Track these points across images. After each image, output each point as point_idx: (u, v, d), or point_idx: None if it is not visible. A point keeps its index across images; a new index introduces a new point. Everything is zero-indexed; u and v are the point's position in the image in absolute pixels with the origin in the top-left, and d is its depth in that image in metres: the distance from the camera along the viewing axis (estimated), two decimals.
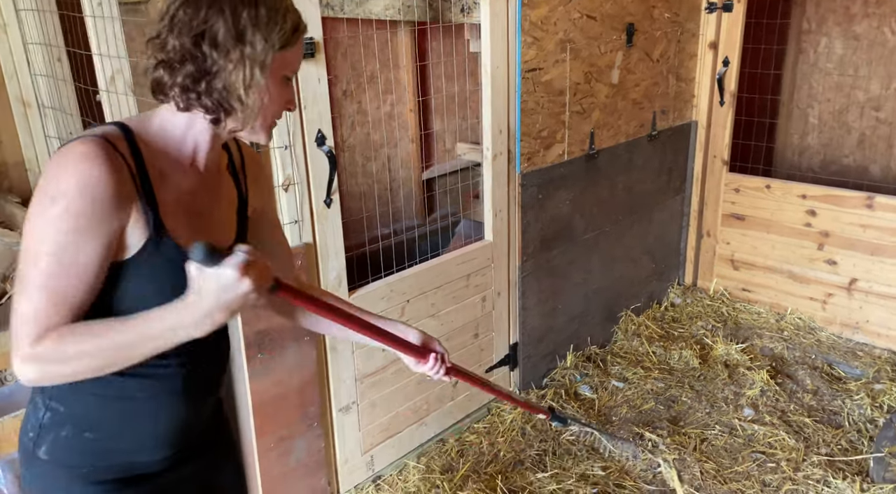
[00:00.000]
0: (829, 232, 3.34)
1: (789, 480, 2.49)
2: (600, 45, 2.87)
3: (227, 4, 1.03)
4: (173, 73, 1.05)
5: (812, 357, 3.27)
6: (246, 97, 1.05)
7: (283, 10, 1.07)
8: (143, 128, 1.10)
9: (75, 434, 1.14)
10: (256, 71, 1.04)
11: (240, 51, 1.03)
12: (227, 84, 1.04)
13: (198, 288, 0.98)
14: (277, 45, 1.05)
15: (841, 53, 4.42)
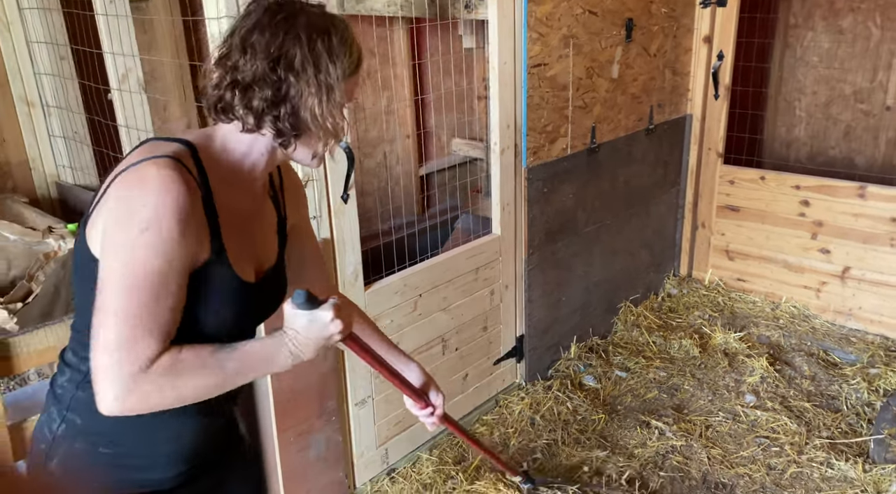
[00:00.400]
0: (823, 221, 3.42)
1: (794, 463, 2.56)
2: (601, 41, 2.91)
3: (303, 32, 1.06)
4: (246, 95, 1.06)
5: (808, 344, 3.35)
6: (324, 121, 1.09)
7: (350, 41, 1.11)
8: (206, 146, 1.12)
9: (89, 448, 1.14)
10: (335, 95, 1.08)
11: (315, 77, 1.06)
12: (306, 109, 1.07)
13: (295, 326, 1.08)
14: (347, 73, 1.10)
15: (827, 47, 4.51)
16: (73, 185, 2.66)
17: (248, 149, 1.13)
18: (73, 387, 1.16)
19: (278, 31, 1.06)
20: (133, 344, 0.99)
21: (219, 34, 1.75)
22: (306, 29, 1.07)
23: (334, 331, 1.08)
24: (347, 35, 1.11)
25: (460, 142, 4.27)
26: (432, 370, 2.58)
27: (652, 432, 2.75)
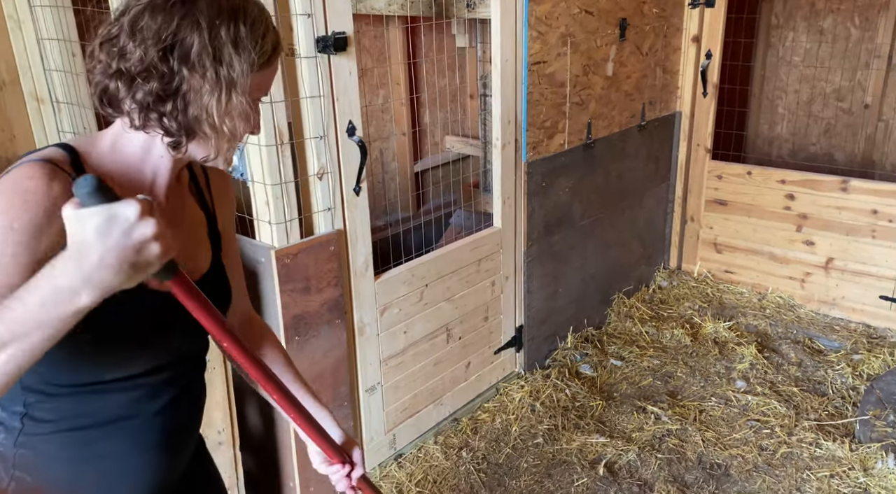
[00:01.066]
0: (807, 214, 3.55)
1: (784, 444, 2.68)
2: (597, 39, 3.01)
3: (203, 17, 0.91)
4: (132, 87, 0.92)
5: (794, 332, 3.48)
6: (220, 123, 0.95)
7: (263, 29, 0.96)
8: (91, 148, 0.98)
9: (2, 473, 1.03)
10: (235, 94, 0.94)
11: (215, 71, 0.92)
12: (199, 107, 0.93)
13: (80, 231, 0.74)
14: (256, 67, 0.95)
15: (808, 47, 4.66)
16: None
17: (144, 150, 0.99)
18: (11, 445, 1.03)
19: (173, 14, 0.90)
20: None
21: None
22: (208, 13, 0.91)
23: (145, 236, 0.74)
24: (260, 21, 0.96)
25: (454, 139, 4.36)
26: (437, 358, 2.67)
27: (648, 417, 2.86)
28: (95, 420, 1.03)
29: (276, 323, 2.04)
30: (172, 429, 1.10)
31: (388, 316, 2.42)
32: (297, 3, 1.88)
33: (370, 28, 3.84)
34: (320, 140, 2.03)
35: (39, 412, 1.02)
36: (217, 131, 0.95)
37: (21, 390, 1.02)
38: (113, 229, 0.73)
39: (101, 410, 1.03)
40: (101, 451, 1.04)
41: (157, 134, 0.96)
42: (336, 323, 2.20)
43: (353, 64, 2.06)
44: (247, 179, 2.02)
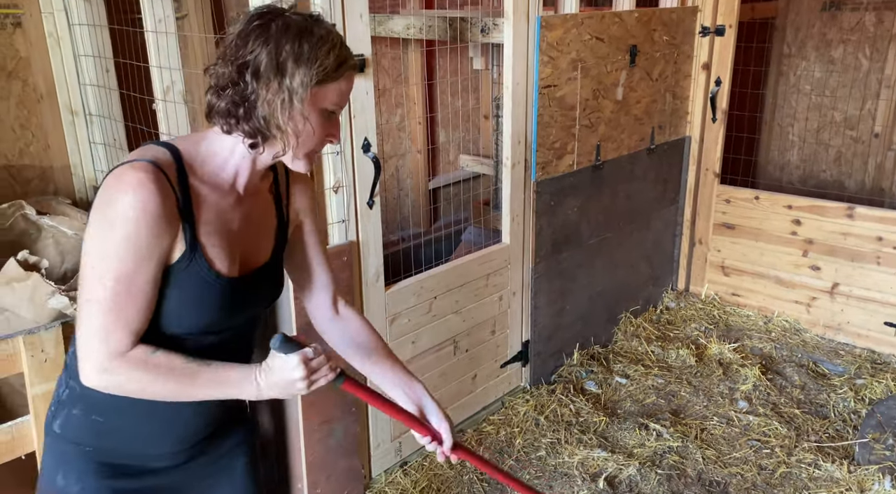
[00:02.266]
0: (813, 240, 3.61)
1: (783, 464, 2.72)
2: (607, 65, 3.11)
3: (273, 38, 1.10)
4: (219, 98, 1.13)
5: (798, 356, 3.52)
6: (284, 124, 1.12)
7: (327, 47, 1.12)
8: (191, 148, 1.18)
9: (84, 415, 1.23)
10: (295, 101, 1.10)
11: (278, 81, 1.09)
12: (265, 112, 1.11)
13: (267, 365, 1.12)
14: (315, 80, 1.11)
15: (818, 76, 4.74)
16: None
17: (230, 151, 1.18)
18: (75, 357, 1.21)
19: (250, 37, 1.10)
20: (107, 334, 1.09)
21: None
22: (277, 34, 1.10)
23: (296, 378, 1.10)
24: (324, 40, 1.12)
25: (468, 158, 4.47)
26: (444, 370, 2.75)
27: (650, 434, 2.91)
28: None
29: (290, 329, 2.13)
30: None
31: (397, 326, 2.51)
32: None
33: (389, 50, 3.98)
34: (337, 155, 2.14)
35: None
36: (282, 132, 1.12)
37: None
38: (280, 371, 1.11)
39: None
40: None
41: (240, 136, 1.15)
42: None
43: (370, 84, 2.17)
44: None
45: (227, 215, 1.20)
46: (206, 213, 1.17)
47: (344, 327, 1.46)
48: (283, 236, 1.34)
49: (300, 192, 1.38)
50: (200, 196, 1.16)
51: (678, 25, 3.51)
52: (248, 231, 1.25)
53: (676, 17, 3.48)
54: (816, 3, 4.67)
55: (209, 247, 1.17)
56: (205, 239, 1.16)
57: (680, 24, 3.52)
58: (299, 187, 1.38)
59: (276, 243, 1.32)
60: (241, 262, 1.24)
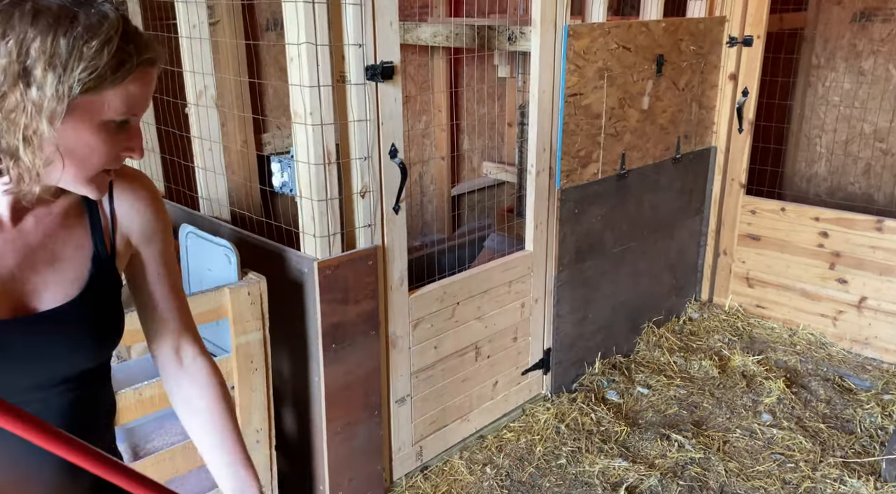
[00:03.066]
0: (841, 252, 3.56)
1: (808, 478, 2.68)
2: (633, 74, 3.11)
3: (14, 31, 0.81)
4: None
5: (824, 370, 3.47)
6: (22, 152, 0.84)
7: (99, 41, 0.83)
8: None
9: None
10: (42, 121, 0.83)
11: (20, 92, 0.82)
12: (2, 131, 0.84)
13: None
14: (79, 87, 0.83)
15: (847, 88, 4.69)
16: None
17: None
18: None
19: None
20: None
21: (297, 57, 1.97)
22: (21, 26, 0.81)
23: None
24: (93, 32, 0.83)
25: (491, 165, 4.49)
26: (466, 375, 2.76)
27: (672, 444, 2.89)
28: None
29: (315, 331, 2.16)
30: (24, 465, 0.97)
31: (420, 331, 2.52)
32: (350, 34, 2.04)
33: (416, 57, 4.02)
34: (364, 160, 2.17)
35: None
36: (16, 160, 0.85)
37: None
38: None
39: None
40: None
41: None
42: (371, 334, 2.31)
43: (398, 91, 2.20)
44: (295, 194, 2.16)
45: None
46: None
47: (182, 384, 1.17)
48: (104, 271, 1.04)
49: (133, 212, 1.07)
50: None
51: (705, 35, 3.50)
52: (29, 265, 0.96)
53: (704, 28, 3.48)
54: (846, 13, 4.63)
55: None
56: None
57: (707, 34, 3.51)
58: (131, 205, 1.07)
59: (88, 280, 1.02)
60: (17, 304, 0.96)
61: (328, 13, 1.97)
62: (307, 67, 1.95)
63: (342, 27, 2.04)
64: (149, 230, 1.10)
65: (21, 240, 0.96)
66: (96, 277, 1.03)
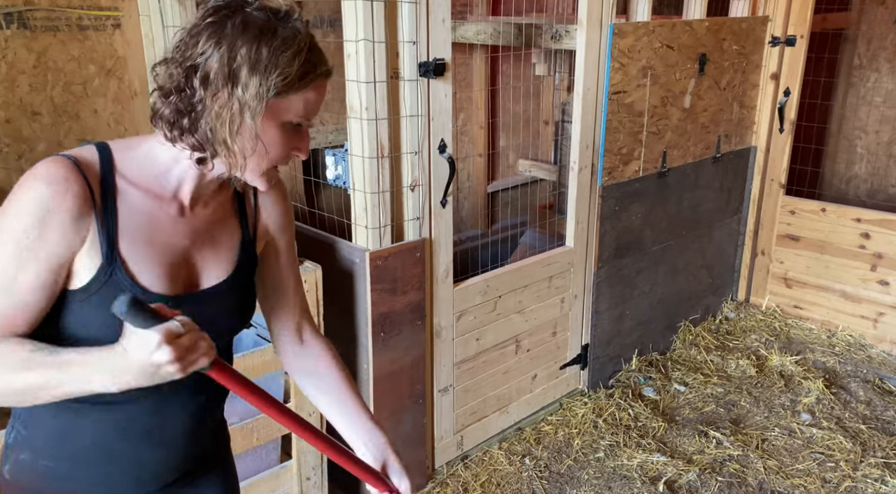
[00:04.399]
0: (883, 254, 3.54)
1: (848, 478, 2.68)
2: (676, 73, 3.13)
3: (227, 39, 0.95)
4: (164, 104, 0.99)
5: (864, 371, 3.46)
6: (231, 142, 0.98)
7: (291, 52, 0.97)
8: (127, 153, 1.04)
9: (32, 460, 1.10)
10: (246, 116, 0.96)
11: (228, 92, 0.95)
12: (211, 125, 0.97)
13: (125, 343, 0.89)
14: (273, 91, 0.97)
15: (890, 88, 4.64)
16: None
17: (173, 160, 1.04)
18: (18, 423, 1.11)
19: (202, 36, 0.96)
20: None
21: (354, 54, 2.04)
22: (233, 35, 0.95)
23: (161, 362, 0.87)
24: (288, 44, 0.97)
25: (527, 162, 4.53)
26: (507, 367, 2.80)
27: (710, 441, 2.91)
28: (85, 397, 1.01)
29: (365, 319, 2.23)
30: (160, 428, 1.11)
31: (463, 323, 2.58)
32: (405, 32, 2.10)
33: (455, 55, 4.07)
34: (415, 155, 2.23)
35: None
36: (228, 150, 0.98)
37: None
38: (139, 351, 0.87)
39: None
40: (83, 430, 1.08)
41: (185, 149, 1.01)
42: (417, 324, 2.37)
43: (448, 87, 2.25)
44: (348, 187, 2.22)
45: (164, 226, 1.05)
46: (134, 221, 1.02)
47: (305, 359, 1.30)
48: (248, 255, 1.18)
49: (271, 205, 1.22)
50: (130, 202, 1.02)
51: (748, 35, 3.50)
52: (197, 246, 1.10)
53: (747, 27, 3.48)
54: (890, 14, 4.57)
55: (133, 259, 1.02)
56: (128, 250, 1.01)
57: (750, 34, 3.51)
58: (271, 199, 1.22)
59: (237, 262, 1.16)
60: (187, 281, 1.09)
61: (384, 11, 2.03)
62: (364, 64, 2.01)
63: (397, 25, 2.09)
64: (283, 222, 1.25)
65: (193, 225, 1.10)
66: (243, 260, 1.17)
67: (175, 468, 1.17)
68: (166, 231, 1.06)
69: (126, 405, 1.07)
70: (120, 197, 1.01)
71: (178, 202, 1.07)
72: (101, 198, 1.00)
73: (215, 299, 1.12)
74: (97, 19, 2.78)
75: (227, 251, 1.15)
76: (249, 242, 1.18)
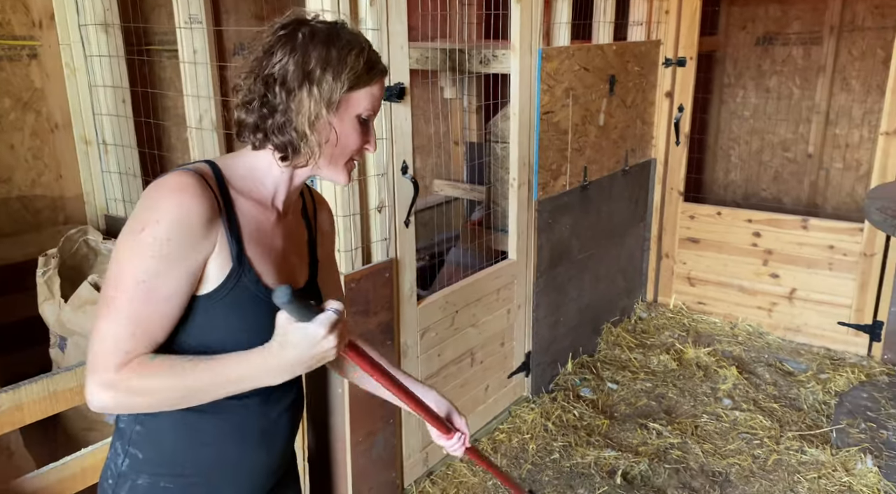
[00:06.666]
0: (772, 250, 3.97)
1: (774, 452, 2.98)
2: (592, 93, 3.38)
3: (300, 46, 1.07)
4: (248, 113, 1.10)
5: (765, 356, 3.84)
6: (310, 134, 1.08)
7: (356, 51, 1.09)
8: (230, 165, 1.14)
9: (152, 484, 1.13)
10: (322, 109, 1.07)
11: (307, 90, 1.06)
12: (293, 121, 1.07)
13: (282, 339, 0.98)
14: (346, 85, 1.08)
15: (756, 103, 5.21)
16: (123, 217, 2.84)
17: (267, 167, 1.14)
18: (132, 421, 1.15)
19: (276, 48, 1.07)
20: (116, 341, 1.00)
21: None
22: (303, 42, 1.07)
23: (327, 348, 0.98)
24: (352, 44, 1.09)
25: (442, 182, 4.65)
26: (463, 381, 2.88)
27: (650, 433, 3.12)
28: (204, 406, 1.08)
29: None
30: (275, 423, 1.20)
31: (426, 339, 2.63)
32: None
33: None
34: (382, 177, 2.27)
35: None
36: (307, 141, 1.09)
37: None
38: (304, 343, 0.97)
39: None
40: (206, 438, 1.14)
41: (271, 150, 1.12)
42: (387, 344, 2.40)
43: (408, 111, 2.32)
44: None
45: (268, 232, 1.16)
46: (249, 227, 1.12)
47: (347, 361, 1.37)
48: (315, 259, 1.31)
49: (324, 217, 1.36)
50: (243, 209, 1.12)
51: (646, 57, 3.83)
52: (289, 250, 1.21)
53: (644, 50, 3.81)
54: (751, 38, 5.15)
55: (256, 261, 1.11)
56: (251, 252, 1.11)
57: (647, 56, 3.85)
58: (323, 212, 1.36)
59: (310, 264, 1.29)
60: (287, 278, 1.20)
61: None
62: None
63: None
64: (331, 233, 1.39)
65: (286, 230, 1.21)
66: (312, 264, 1.30)
67: (275, 471, 1.25)
68: (271, 236, 1.16)
69: (238, 408, 1.14)
70: (236, 205, 1.11)
71: (275, 209, 1.18)
72: (224, 206, 1.08)
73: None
74: (11, 49, 2.61)
75: (305, 256, 1.27)
76: (315, 247, 1.31)
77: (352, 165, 1.19)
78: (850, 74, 4.76)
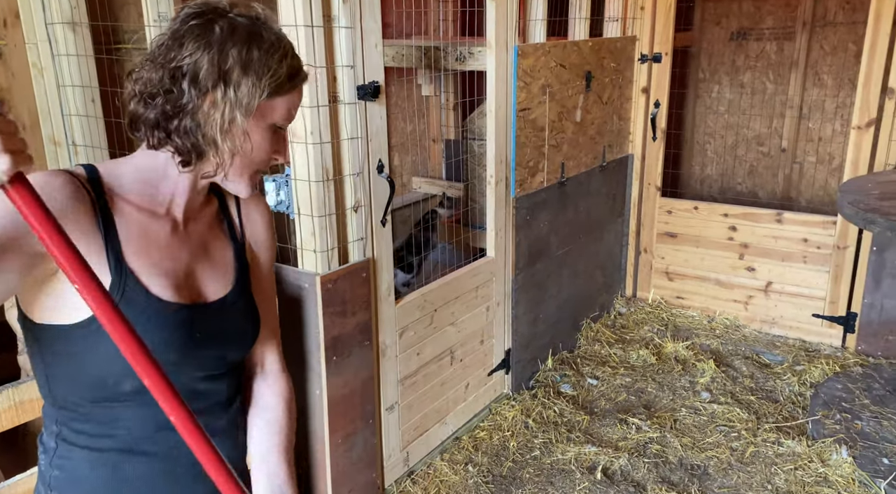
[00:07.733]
0: (748, 243, 4.00)
1: (751, 444, 3.01)
2: (568, 90, 3.38)
3: (216, 41, 0.96)
4: (148, 108, 0.98)
5: (742, 349, 3.88)
6: (221, 141, 0.98)
7: (279, 55, 1.00)
8: (114, 169, 1.03)
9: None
10: (237, 115, 0.98)
11: (221, 91, 0.96)
12: (202, 125, 0.97)
13: None
14: (267, 92, 0.99)
15: (730, 98, 5.25)
16: None
17: (162, 171, 1.03)
18: (48, 465, 1.07)
19: (187, 39, 0.96)
20: None
21: None
22: (222, 38, 0.96)
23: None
24: (276, 47, 1.00)
25: (420, 180, 4.64)
26: (443, 380, 2.87)
27: (630, 427, 3.14)
28: (120, 442, 1.02)
29: (317, 344, 2.21)
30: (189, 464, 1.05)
31: (405, 339, 2.61)
32: (343, 56, 2.12)
33: None
34: (356, 176, 2.25)
35: (69, 432, 1.05)
36: (217, 149, 0.99)
37: (55, 408, 1.05)
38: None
39: (125, 430, 1.03)
40: (128, 475, 1.05)
41: (169, 152, 1.00)
42: (365, 344, 2.38)
43: (383, 109, 2.30)
44: (291, 213, 2.20)
45: (161, 242, 1.04)
46: (134, 236, 1.00)
47: (260, 389, 1.24)
48: (243, 264, 1.17)
49: (254, 218, 1.21)
50: (125, 216, 1.00)
51: (622, 53, 3.84)
52: (195, 262, 1.09)
53: (620, 46, 3.82)
54: (725, 33, 5.19)
55: (143, 272, 1.00)
56: (135, 263, 0.99)
57: (623, 52, 3.86)
58: (252, 211, 1.21)
59: (236, 273, 1.15)
60: (193, 294, 1.08)
61: (324, 37, 2.05)
62: (307, 89, 2.01)
63: (335, 50, 2.12)
64: (264, 238, 1.24)
65: (189, 241, 1.09)
66: (240, 273, 1.17)
67: None
68: (164, 246, 1.05)
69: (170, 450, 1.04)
70: (115, 209, 1.00)
71: (171, 218, 1.06)
72: (101, 211, 0.98)
73: (224, 312, 1.12)
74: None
75: (224, 265, 1.15)
76: (242, 253, 1.18)
77: (258, 177, 1.09)
78: (822, 69, 4.81)
